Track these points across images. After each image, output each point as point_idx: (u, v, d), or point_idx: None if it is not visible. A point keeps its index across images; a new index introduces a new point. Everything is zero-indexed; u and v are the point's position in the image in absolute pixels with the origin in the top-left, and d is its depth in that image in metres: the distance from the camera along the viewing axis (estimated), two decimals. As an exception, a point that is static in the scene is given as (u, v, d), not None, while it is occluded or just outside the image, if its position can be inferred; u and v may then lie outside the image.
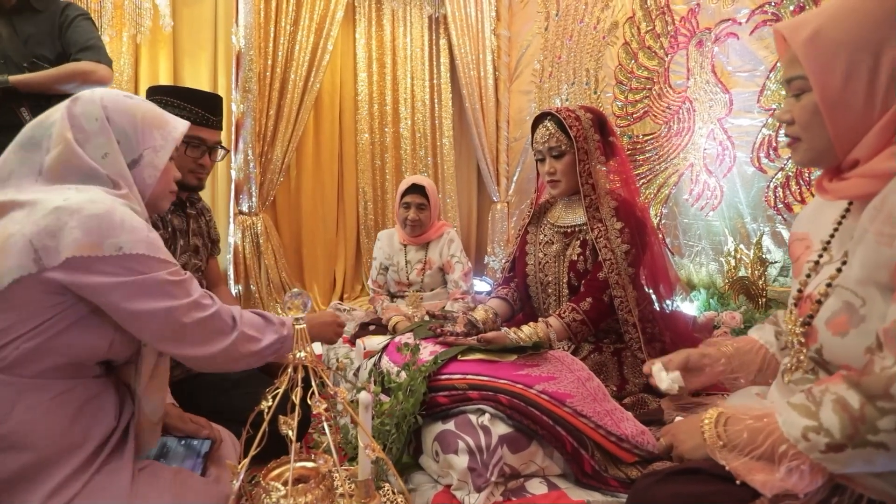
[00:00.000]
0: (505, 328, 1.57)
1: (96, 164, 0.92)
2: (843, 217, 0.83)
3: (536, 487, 1.25)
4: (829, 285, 0.77)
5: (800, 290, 0.85)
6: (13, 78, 1.76)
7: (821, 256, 0.84)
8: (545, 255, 1.79)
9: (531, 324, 1.59)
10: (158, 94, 1.51)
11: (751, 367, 1.03)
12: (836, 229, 0.83)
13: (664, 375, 1.02)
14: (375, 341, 1.95)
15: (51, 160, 0.90)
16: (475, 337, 1.51)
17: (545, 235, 1.82)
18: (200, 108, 1.52)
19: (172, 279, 0.91)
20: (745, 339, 1.08)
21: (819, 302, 0.78)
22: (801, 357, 0.83)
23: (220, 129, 1.59)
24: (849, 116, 0.74)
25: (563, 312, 1.61)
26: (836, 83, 0.73)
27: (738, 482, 0.74)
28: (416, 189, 2.38)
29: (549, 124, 1.70)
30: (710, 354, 1.04)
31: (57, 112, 0.94)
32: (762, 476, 0.72)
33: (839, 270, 0.77)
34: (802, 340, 0.82)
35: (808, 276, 0.84)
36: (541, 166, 1.77)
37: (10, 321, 0.83)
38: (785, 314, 0.88)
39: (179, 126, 1.05)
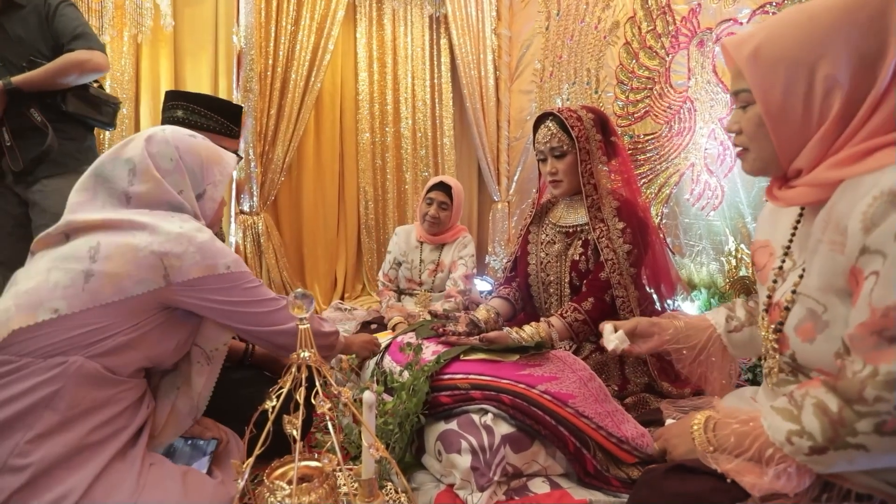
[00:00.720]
0: (507, 328, 1.57)
1: (181, 199, 1.08)
2: (798, 222, 0.86)
3: (539, 487, 1.25)
4: (793, 292, 0.80)
5: (769, 297, 0.87)
6: (15, 79, 1.76)
7: (783, 262, 0.86)
8: (547, 254, 1.80)
9: (533, 323, 1.59)
10: (183, 100, 1.52)
11: (695, 342, 1.12)
12: (793, 234, 0.86)
13: (613, 336, 1.15)
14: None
15: (142, 193, 1.05)
16: (477, 336, 1.51)
17: (547, 235, 1.82)
18: (226, 118, 1.55)
19: (255, 285, 1.12)
20: (699, 317, 1.18)
21: (787, 309, 0.81)
22: (777, 362, 0.86)
23: (239, 138, 1.63)
24: (790, 128, 0.77)
25: (565, 312, 1.61)
26: (776, 97, 0.76)
27: (728, 480, 0.77)
28: (442, 187, 2.40)
29: (550, 124, 1.70)
30: (660, 324, 1.15)
31: (134, 149, 1.07)
32: (751, 478, 0.74)
33: (801, 277, 0.80)
34: (776, 346, 0.84)
35: (775, 282, 0.87)
36: (542, 166, 1.77)
37: (118, 318, 0.97)
38: (759, 322, 0.91)
39: (231, 161, 1.19)
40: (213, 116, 1.53)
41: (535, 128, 1.77)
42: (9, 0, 1.84)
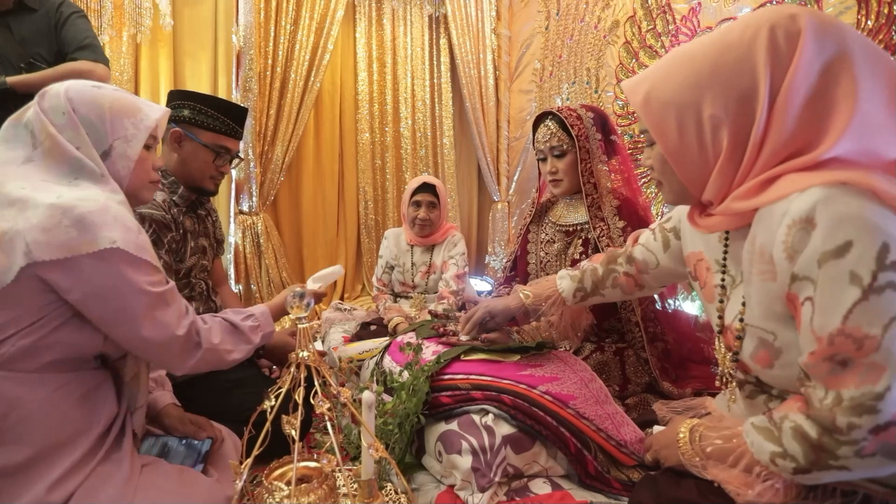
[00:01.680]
0: (507, 327, 1.57)
1: (80, 155, 0.92)
2: (727, 239, 0.88)
3: (540, 488, 1.24)
4: (741, 320, 0.83)
5: (720, 317, 0.90)
6: (10, 79, 1.75)
7: (723, 279, 0.89)
8: (547, 253, 1.79)
9: (534, 323, 1.58)
10: (190, 100, 1.51)
11: (551, 314, 1.39)
12: (725, 250, 0.88)
13: (463, 336, 1.46)
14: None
15: (44, 153, 0.92)
16: (478, 336, 1.50)
17: (547, 234, 1.81)
18: (232, 119, 1.55)
19: (154, 290, 0.92)
20: (548, 286, 1.38)
21: (739, 338, 0.83)
22: (733, 389, 0.90)
23: (241, 138, 1.62)
24: (690, 164, 0.81)
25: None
26: (672, 137, 0.80)
27: (716, 484, 0.79)
28: (426, 188, 2.36)
29: (550, 123, 1.70)
30: (508, 303, 1.42)
31: (30, 109, 0.95)
32: (734, 487, 0.76)
33: (744, 305, 0.82)
34: (733, 373, 0.89)
35: (721, 301, 0.89)
36: (542, 166, 1.76)
37: (5, 318, 0.85)
38: (716, 343, 0.95)
39: (153, 114, 1.01)
40: (220, 117, 1.52)
41: (535, 127, 1.76)
42: (21, 2, 1.85)
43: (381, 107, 3.60)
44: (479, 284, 3.56)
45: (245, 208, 3.05)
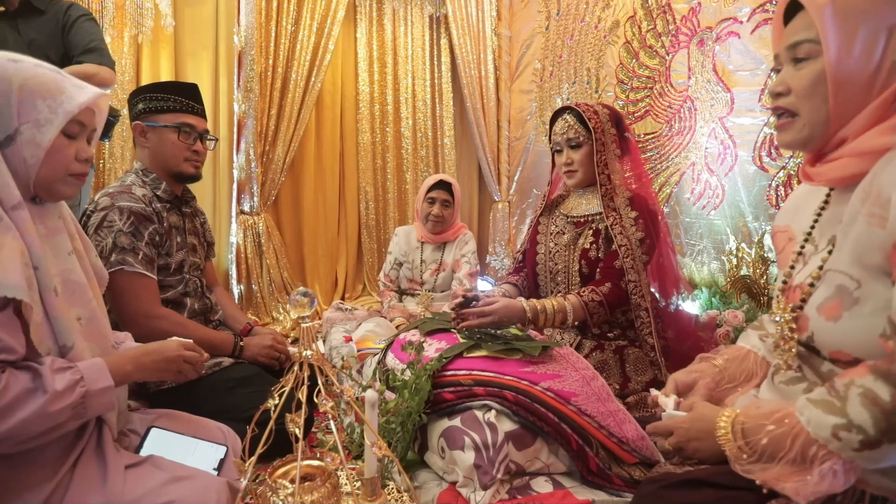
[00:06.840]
0: (521, 298, 1.57)
1: None
2: (823, 208, 0.82)
3: (542, 486, 1.25)
4: (820, 268, 0.76)
5: (785, 282, 0.83)
6: None
7: (803, 247, 0.82)
8: (556, 244, 1.80)
9: (550, 298, 1.60)
10: (142, 93, 1.55)
11: (745, 374, 1.00)
12: (816, 220, 0.82)
13: (668, 403, 0.96)
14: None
15: None
16: (478, 295, 1.52)
17: (556, 226, 1.83)
18: (183, 96, 1.56)
19: None
20: (734, 348, 1.05)
21: (812, 285, 0.76)
22: (790, 349, 0.79)
23: (205, 117, 1.63)
24: (852, 89, 0.72)
25: (583, 292, 1.61)
26: (848, 52, 0.71)
27: (765, 491, 0.70)
28: (442, 185, 2.41)
29: (568, 117, 1.73)
30: (699, 369, 1.02)
31: None
32: (793, 483, 0.67)
33: (829, 254, 0.75)
34: (794, 327, 0.78)
35: (793, 267, 0.83)
36: (558, 157, 1.79)
37: None
38: (773, 305, 0.85)
39: (79, 96, 0.87)
40: (171, 97, 1.53)
41: (552, 122, 1.79)
42: (28, 3, 1.86)
43: (382, 107, 3.60)
44: (480, 284, 3.56)
45: (246, 208, 3.06)
